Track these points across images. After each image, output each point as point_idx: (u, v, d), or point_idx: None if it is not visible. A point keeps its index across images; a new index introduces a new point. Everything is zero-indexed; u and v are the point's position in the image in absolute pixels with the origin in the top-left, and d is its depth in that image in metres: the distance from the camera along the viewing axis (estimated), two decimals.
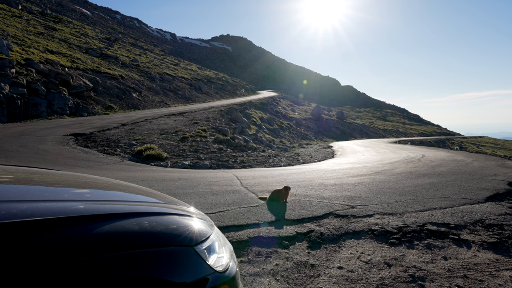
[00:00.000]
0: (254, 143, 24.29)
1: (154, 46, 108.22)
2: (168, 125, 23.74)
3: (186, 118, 28.64)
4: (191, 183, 9.22)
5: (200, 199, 7.21)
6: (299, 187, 8.90)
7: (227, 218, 5.84)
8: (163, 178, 10.03)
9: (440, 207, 7.11)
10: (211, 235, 2.25)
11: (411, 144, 41.75)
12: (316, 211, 6.50)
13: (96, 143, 16.95)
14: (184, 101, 49.60)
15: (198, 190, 8.15)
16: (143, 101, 40.40)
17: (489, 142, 74.98)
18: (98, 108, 32.17)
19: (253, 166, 15.63)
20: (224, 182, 9.42)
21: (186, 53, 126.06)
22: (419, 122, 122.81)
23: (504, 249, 5.09)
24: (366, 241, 5.30)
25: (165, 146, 17.34)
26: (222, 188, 8.55)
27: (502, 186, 9.46)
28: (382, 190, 8.79)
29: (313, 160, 20.16)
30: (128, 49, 75.23)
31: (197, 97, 56.57)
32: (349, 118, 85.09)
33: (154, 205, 2.40)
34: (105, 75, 40.08)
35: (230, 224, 5.57)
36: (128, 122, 23.88)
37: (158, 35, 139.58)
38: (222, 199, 7.22)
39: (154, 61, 71.95)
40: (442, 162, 15.77)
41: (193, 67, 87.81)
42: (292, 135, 46.92)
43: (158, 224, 2.00)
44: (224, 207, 6.55)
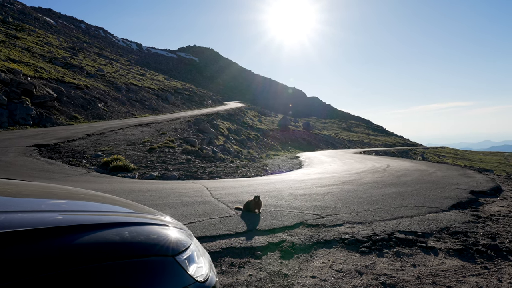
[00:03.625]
0: (222, 154, 24.27)
1: (120, 56, 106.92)
2: (135, 136, 23.44)
3: (153, 128, 28.36)
4: (160, 194, 9.13)
5: (171, 210, 7.15)
6: (270, 198, 8.95)
7: (198, 229, 5.82)
8: (131, 189, 9.89)
9: (407, 215, 7.29)
10: (191, 245, 2.25)
11: (376, 154, 42.56)
12: (287, 221, 6.55)
13: (61, 154, 16.56)
14: (151, 111, 49.09)
15: (168, 201, 8.08)
16: (109, 111, 39.77)
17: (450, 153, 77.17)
18: (62, 119, 31.46)
19: (222, 176, 15.60)
20: (194, 193, 9.37)
21: (153, 64, 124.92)
22: (383, 133, 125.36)
23: (469, 256, 5.26)
24: (338, 250, 5.37)
25: (133, 157, 17.11)
26: (192, 199, 8.50)
27: (464, 194, 9.78)
28: (351, 199, 8.94)
29: (281, 171, 20.28)
30: (94, 59, 74.06)
31: (164, 107, 56.10)
32: (315, 129, 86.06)
33: (132, 215, 2.39)
34: (69, 85, 39.30)
35: (202, 235, 5.55)
36: (94, 133, 23.44)
37: (124, 45, 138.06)
38: (193, 210, 7.19)
39: (120, 71, 71.06)
40: (406, 172, 16.15)
41: (160, 78, 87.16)
42: (260, 145, 47.08)
43: (139, 234, 2.00)
44: (196, 218, 6.53)
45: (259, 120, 73.04)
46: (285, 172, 19.20)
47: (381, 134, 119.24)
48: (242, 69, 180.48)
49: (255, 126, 61.99)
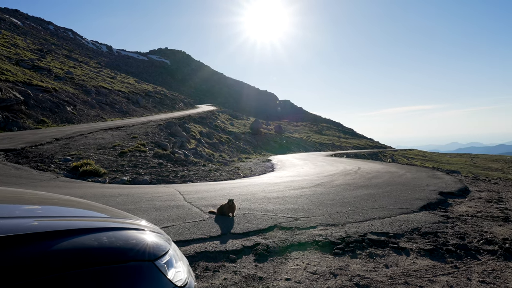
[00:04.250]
0: (195, 158, 24.13)
1: (90, 58, 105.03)
2: (105, 140, 23.06)
3: (124, 132, 27.96)
4: (132, 199, 9.01)
5: (144, 215, 7.07)
6: (243, 201, 8.94)
7: (172, 234, 5.76)
8: (102, 194, 9.73)
9: (379, 217, 7.40)
10: (170, 250, 2.23)
11: (347, 157, 43.07)
12: (261, 224, 6.56)
13: (28, 159, 16.14)
14: (121, 115, 48.42)
15: (140, 206, 7.99)
16: (78, 115, 39.04)
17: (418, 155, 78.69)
18: (29, 122, 30.69)
19: (194, 180, 15.51)
20: (167, 197, 9.29)
21: (123, 66, 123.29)
22: (353, 135, 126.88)
23: (439, 256, 5.37)
24: (312, 252, 5.41)
25: (103, 161, 16.82)
26: (165, 203, 8.42)
27: (434, 196, 9.99)
28: (324, 202, 9.02)
29: (253, 174, 20.30)
30: (62, 61, 72.55)
31: (135, 111, 55.43)
32: (287, 132, 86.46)
33: (109, 220, 2.35)
34: (37, 88, 38.38)
35: (176, 240, 5.49)
36: (63, 137, 22.94)
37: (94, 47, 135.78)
38: (166, 215, 7.12)
39: (90, 73, 69.82)
40: (377, 174, 16.39)
41: (131, 81, 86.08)
42: (232, 149, 47.01)
43: (117, 239, 1.97)
44: (169, 223, 6.46)
45: (231, 123, 72.96)
46: (258, 175, 19.23)
47: (351, 136, 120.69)
48: (214, 72, 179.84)
49: (227, 129, 61.90)
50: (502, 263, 5.13)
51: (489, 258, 5.32)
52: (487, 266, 5.02)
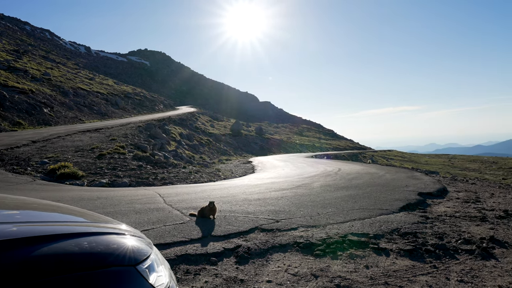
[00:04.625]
0: (175, 160, 23.97)
1: (67, 59, 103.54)
2: (83, 142, 22.74)
3: (102, 134, 27.62)
4: (111, 202, 8.89)
5: (123, 218, 6.98)
6: (224, 203, 8.91)
7: (152, 237, 5.70)
8: (80, 197, 9.58)
9: (359, 218, 7.45)
10: (151, 254, 2.20)
11: (327, 158, 43.34)
12: (242, 226, 6.54)
13: (4, 162, 15.81)
14: (100, 117, 47.85)
15: (120, 209, 7.88)
16: (55, 117, 38.43)
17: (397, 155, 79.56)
18: (5, 125, 30.08)
19: (174, 182, 15.40)
20: (147, 200, 9.19)
21: (102, 67, 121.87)
22: (334, 136, 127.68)
23: (419, 256, 5.42)
24: (293, 253, 5.41)
25: (81, 164, 16.58)
26: (145, 206, 8.33)
27: (413, 196, 10.10)
28: (304, 203, 9.04)
29: (234, 176, 20.27)
30: (39, 62, 71.37)
31: (114, 112, 54.84)
32: (268, 133, 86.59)
33: (90, 225, 2.31)
34: (13, 89, 37.63)
35: (156, 243, 5.43)
36: (40, 139, 22.54)
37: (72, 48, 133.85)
38: (146, 218, 7.04)
39: (68, 75, 68.81)
40: (357, 175, 16.52)
41: (110, 82, 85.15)
42: (212, 150, 46.88)
43: (98, 244, 1.93)
44: (149, 226, 6.39)
45: (211, 125, 72.76)
46: (239, 177, 19.20)
47: (332, 138, 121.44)
48: (194, 73, 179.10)
49: (208, 131, 61.71)
50: (480, 262, 5.21)
51: (467, 257, 5.39)
52: (465, 265, 5.08)
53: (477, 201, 9.90)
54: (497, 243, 5.98)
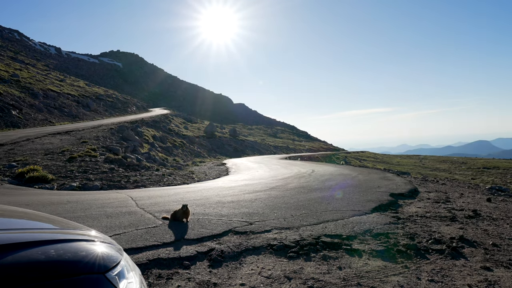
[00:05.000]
0: (148, 162, 23.70)
1: (37, 60, 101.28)
2: (53, 145, 22.25)
3: (73, 137, 27.10)
4: (82, 205, 8.71)
5: (94, 222, 6.83)
6: (197, 206, 8.83)
7: (124, 241, 5.60)
8: (50, 201, 9.35)
9: (333, 219, 7.49)
10: (121, 261, 2.15)
11: (301, 159, 43.57)
12: (216, 229, 6.49)
13: None
14: (71, 119, 46.95)
15: (90, 213, 7.72)
16: (24, 119, 37.52)
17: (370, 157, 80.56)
18: None
19: (147, 185, 15.22)
20: (118, 204, 9.04)
21: (73, 69, 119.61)
22: (307, 138, 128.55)
23: (391, 256, 5.48)
24: (266, 256, 5.39)
25: (51, 167, 16.22)
26: (116, 210, 8.19)
27: (385, 197, 10.23)
28: (278, 205, 9.04)
29: (208, 178, 20.17)
30: (7, 63, 69.64)
31: (85, 115, 53.90)
32: (242, 135, 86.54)
33: (58, 232, 2.24)
34: None
35: (128, 247, 5.34)
36: (7, 142, 21.96)
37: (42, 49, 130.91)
38: (118, 222, 6.92)
39: (37, 76, 67.29)
40: (331, 176, 16.65)
41: (81, 84, 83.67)
42: (186, 153, 46.55)
43: (66, 252, 1.87)
44: (121, 230, 6.28)
45: (185, 127, 72.28)
46: (212, 179, 19.11)
47: (306, 139, 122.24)
48: (168, 75, 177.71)
49: (181, 133, 61.26)
50: (450, 261, 5.29)
51: (438, 257, 5.47)
52: (436, 265, 5.16)
53: (447, 201, 10.10)
54: (466, 243, 6.10)
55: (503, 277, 4.75)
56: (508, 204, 10.28)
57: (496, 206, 9.83)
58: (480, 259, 5.41)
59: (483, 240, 6.31)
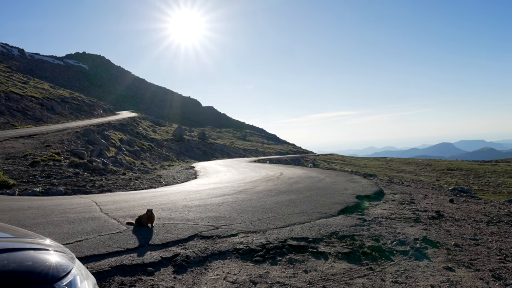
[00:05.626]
0: (114, 166, 23.26)
1: None
2: (15, 149, 21.59)
3: (37, 140, 26.37)
4: (43, 211, 8.46)
5: (55, 229, 6.63)
6: (163, 210, 8.70)
7: (86, 248, 5.45)
8: (9, 208, 9.05)
9: (299, 222, 7.50)
10: (72, 269, 2.06)
11: (270, 162, 43.67)
12: (181, 234, 6.40)
13: None
14: (34, 122, 45.72)
15: (52, 219, 7.50)
16: None
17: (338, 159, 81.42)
18: None
19: (113, 190, 14.94)
20: (82, 209, 8.82)
21: (37, 71, 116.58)
22: (276, 141, 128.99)
23: (356, 258, 5.52)
24: (232, 260, 5.34)
25: (12, 172, 15.72)
26: (79, 215, 7.98)
27: (351, 199, 10.33)
28: (245, 208, 9.00)
29: (176, 182, 19.96)
30: None
31: (50, 118, 52.59)
32: (211, 138, 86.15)
33: (8, 241, 2.13)
34: None
35: (89, 254, 5.20)
36: None
37: (4, 50, 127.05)
38: (80, 228, 6.73)
39: None
40: (298, 179, 16.71)
41: (45, 86, 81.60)
42: (154, 156, 46.00)
43: (10, 262, 1.77)
44: (83, 236, 6.11)
45: (153, 130, 71.46)
46: (180, 183, 18.92)
47: (275, 142, 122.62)
48: (135, 78, 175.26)
49: (149, 136, 60.52)
50: (413, 262, 5.37)
51: (402, 258, 5.54)
52: (400, 266, 5.22)
53: (411, 202, 10.27)
54: (430, 243, 6.20)
55: (465, 277, 4.85)
56: (470, 205, 10.55)
57: (458, 207, 10.07)
58: (442, 259, 5.50)
59: (445, 240, 6.43)
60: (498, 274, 4.97)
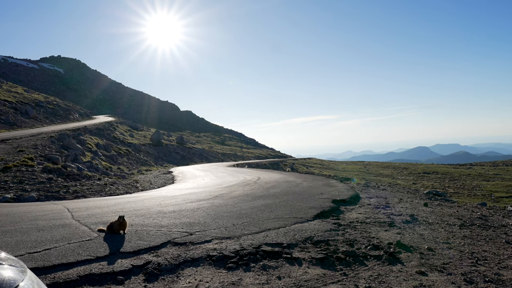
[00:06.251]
0: (89, 171, 22.88)
1: None
2: None
3: (9, 145, 25.77)
4: (12, 219, 8.23)
5: (23, 237, 6.44)
6: (137, 216, 8.55)
7: (54, 257, 5.29)
8: None
9: (274, 227, 7.45)
10: (22, 282, 1.95)
11: (249, 167, 43.61)
12: (154, 241, 6.28)
13: None
14: (8, 126, 44.74)
15: (20, 227, 7.29)
16: None
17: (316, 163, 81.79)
18: None
19: (87, 196, 14.68)
20: (53, 216, 8.61)
21: (10, 74, 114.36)
22: (255, 145, 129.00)
23: (330, 264, 5.49)
24: (205, 268, 5.26)
25: None
26: (50, 222, 7.78)
27: (327, 204, 10.33)
28: (221, 214, 8.91)
29: (152, 187, 19.74)
30: None
31: (24, 122, 51.54)
32: (189, 143, 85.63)
33: None
34: None
35: (57, 263, 5.05)
36: None
37: None
38: (49, 235, 6.55)
39: None
40: (276, 183, 16.68)
41: (19, 90, 79.98)
42: (131, 161, 45.48)
43: None
44: (52, 244, 5.94)
45: (130, 135, 70.67)
46: (157, 188, 18.71)
47: (253, 146, 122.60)
48: (112, 82, 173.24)
49: (127, 141, 59.81)
50: (387, 267, 5.37)
51: (376, 263, 5.54)
52: (373, 271, 5.21)
53: (386, 206, 10.34)
54: (403, 248, 6.22)
55: (437, 281, 4.86)
56: (444, 208, 10.67)
57: (432, 210, 10.17)
58: (416, 263, 5.52)
59: (419, 244, 6.46)
60: (469, 278, 5.00)
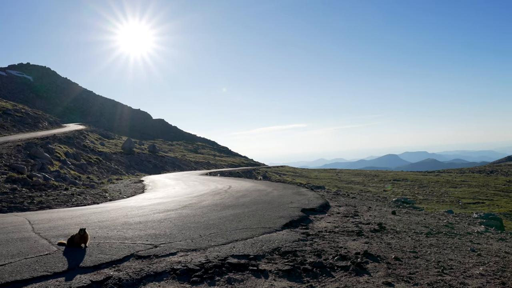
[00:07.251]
0: (56, 181, 22.32)
1: None
2: None
3: None
4: None
5: None
6: (100, 228, 8.28)
7: (7, 273, 5.03)
8: None
9: (242, 238, 7.32)
10: None
11: (221, 175, 43.38)
12: (116, 254, 6.06)
13: None
14: None
15: None
16: None
17: (289, 171, 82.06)
18: None
19: (53, 206, 14.26)
20: (12, 229, 8.27)
21: None
22: (228, 153, 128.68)
23: (297, 275, 5.40)
24: (168, 282, 5.09)
25: None
26: (7, 236, 7.45)
27: (296, 213, 10.26)
28: (188, 225, 8.73)
29: (121, 196, 19.36)
30: None
31: None
32: (162, 151, 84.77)
33: None
34: None
35: (11, 280, 4.80)
36: None
37: None
38: (5, 250, 6.25)
39: None
40: (246, 192, 16.55)
41: None
42: (102, 170, 44.68)
43: None
44: (6, 260, 5.66)
45: (101, 143, 69.53)
46: (126, 198, 18.36)
47: (226, 155, 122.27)
48: (83, 90, 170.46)
49: (97, 149, 58.80)
50: (354, 278, 5.30)
51: (343, 274, 5.47)
52: (340, 283, 5.14)
53: (355, 215, 10.34)
54: (371, 258, 6.17)
55: None
56: (411, 216, 10.75)
57: (400, 218, 10.22)
58: (382, 274, 5.47)
59: (386, 254, 6.43)
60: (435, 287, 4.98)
